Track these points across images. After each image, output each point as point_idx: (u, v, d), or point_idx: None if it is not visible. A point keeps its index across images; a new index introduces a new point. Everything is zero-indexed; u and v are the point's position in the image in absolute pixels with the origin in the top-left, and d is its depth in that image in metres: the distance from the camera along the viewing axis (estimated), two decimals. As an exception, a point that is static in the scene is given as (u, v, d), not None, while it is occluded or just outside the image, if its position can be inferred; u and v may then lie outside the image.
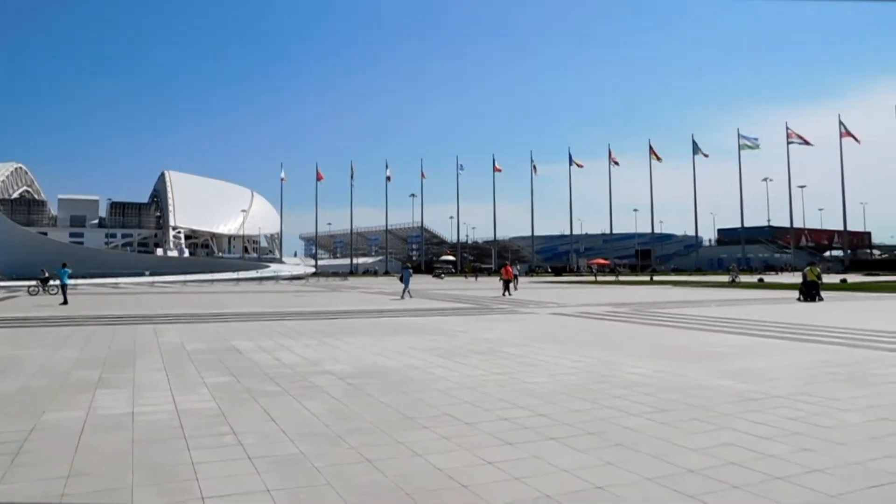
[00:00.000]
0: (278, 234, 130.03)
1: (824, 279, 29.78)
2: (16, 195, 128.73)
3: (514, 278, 36.75)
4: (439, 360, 10.62)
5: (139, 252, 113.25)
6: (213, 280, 62.27)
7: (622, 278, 68.92)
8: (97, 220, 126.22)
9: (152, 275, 63.43)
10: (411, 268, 38.77)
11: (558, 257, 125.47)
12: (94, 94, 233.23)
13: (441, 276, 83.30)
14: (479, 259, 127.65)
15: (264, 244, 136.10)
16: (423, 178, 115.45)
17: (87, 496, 4.33)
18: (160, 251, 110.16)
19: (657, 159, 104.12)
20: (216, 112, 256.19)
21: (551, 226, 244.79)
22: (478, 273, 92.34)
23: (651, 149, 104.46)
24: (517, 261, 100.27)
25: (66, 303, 25.88)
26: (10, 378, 8.92)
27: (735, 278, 52.14)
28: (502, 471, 4.80)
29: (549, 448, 5.40)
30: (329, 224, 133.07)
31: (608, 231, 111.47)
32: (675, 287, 43.75)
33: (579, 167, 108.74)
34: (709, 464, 4.94)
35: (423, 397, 7.55)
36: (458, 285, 52.83)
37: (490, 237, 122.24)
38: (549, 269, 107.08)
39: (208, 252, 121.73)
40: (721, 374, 9.00)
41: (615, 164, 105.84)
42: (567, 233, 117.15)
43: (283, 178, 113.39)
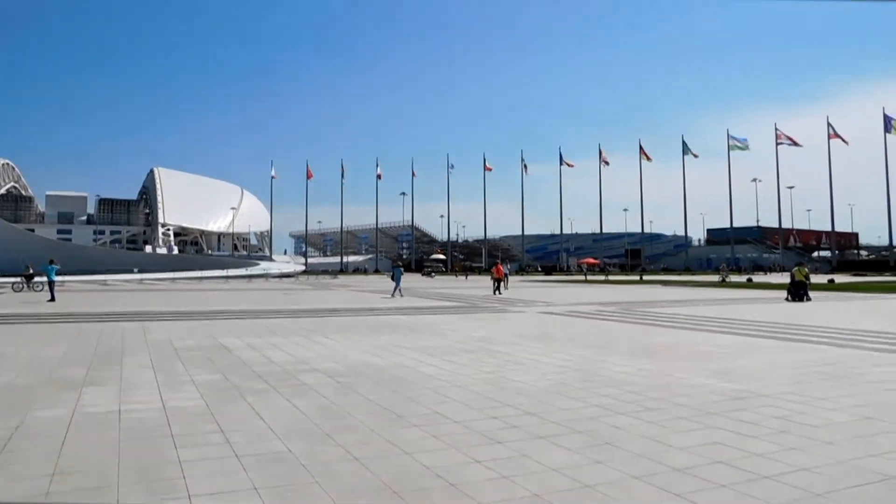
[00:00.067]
0: (268, 231, 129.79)
1: (812, 279, 29.98)
2: (2, 191, 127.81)
3: (505, 277, 36.79)
4: (429, 358, 10.61)
5: (128, 249, 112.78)
6: (202, 277, 62.00)
7: (612, 278, 69.16)
8: (85, 217, 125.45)
9: (141, 272, 62.96)
10: (402, 266, 38.75)
11: (548, 256, 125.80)
12: (83, 90, 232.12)
13: (431, 274, 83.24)
14: (469, 258, 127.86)
15: (254, 242, 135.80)
16: (413, 177, 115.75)
17: (72, 495, 4.30)
18: (149, 248, 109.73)
19: (647, 159, 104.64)
20: (206, 109, 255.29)
21: (542, 225, 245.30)
22: (468, 272, 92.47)
23: (641, 149, 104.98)
24: (507, 260, 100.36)
25: (53, 300, 25.70)
26: (-5, 375, 8.82)
27: (725, 278, 52.46)
28: (491, 469, 4.80)
29: (537, 447, 5.41)
30: (319, 222, 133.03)
31: (598, 230, 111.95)
32: (664, 287, 43.93)
33: (569, 167, 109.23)
34: (696, 462, 4.96)
35: (412, 396, 7.54)
36: (448, 284, 52.85)
37: (480, 236, 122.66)
38: (540, 269, 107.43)
39: (197, 249, 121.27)
40: (709, 374, 9.04)
41: (605, 163, 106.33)
42: (557, 232, 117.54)
43: (274, 176, 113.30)
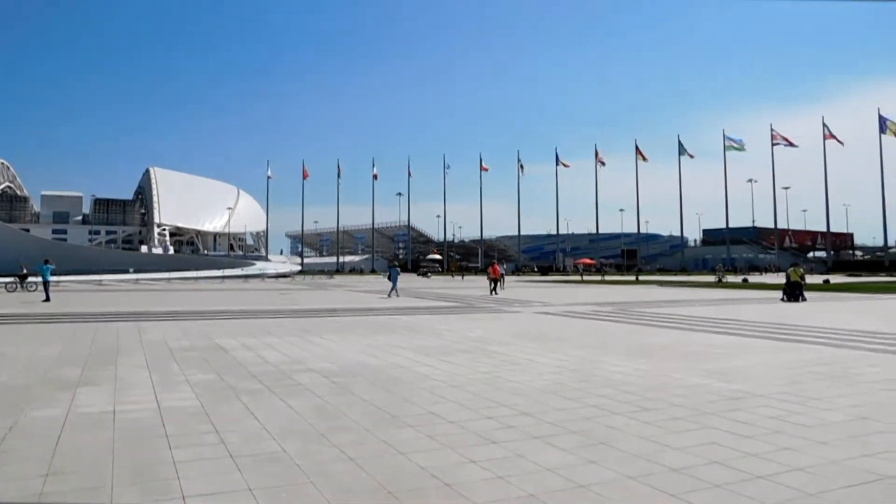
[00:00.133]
0: (264, 231, 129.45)
1: (808, 280, 30.07)
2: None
3: (501, 277, 36.79)
4: (425, 358, 10.61)
5: (123, 249, 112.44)
6: (197, 278, 61.92)
7: (608, 278, 69.25)
8: (81, 217, 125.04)
9: (136, 272, 62.84)
10: (399, 266, 38.71)
11: (545, 257, 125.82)
12: (79, 90, 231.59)
13: (427, 274, 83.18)
14: (465, 258, 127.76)
15: (250, 242, 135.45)
16: (409, 177, 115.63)
17: (65, 495, 4.28)
18: (145, 248, 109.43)
19: (643, 159, 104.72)
20: (202, 109, 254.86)
21: (538, 225, 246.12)
22: (464, 272, 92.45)
23: (637, 149, 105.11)
24: (503, 260, 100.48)
25: (48, 300, 25.62)
26: (-11, 376, 8.79)
27: (722, 278, 52.58)
28: (486, 469, 4.80)
29: (532, 447, 5.41)
30: (316, 222, 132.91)
31: (594, 231, 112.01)
32: (660, 287, 43.99)
33: (566, 167, 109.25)
34: (691, 462, 4.96)
35: (407, 396, 7.53)
36: (444, 284, 52.85)
37: (477, 236, 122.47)
38: (536, 269, 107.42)
39: (193, 249, 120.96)
40: (704, 374, 9.06)
41: (601, 164, 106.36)
42: (553, 232, 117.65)
43: (270, 176, 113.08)
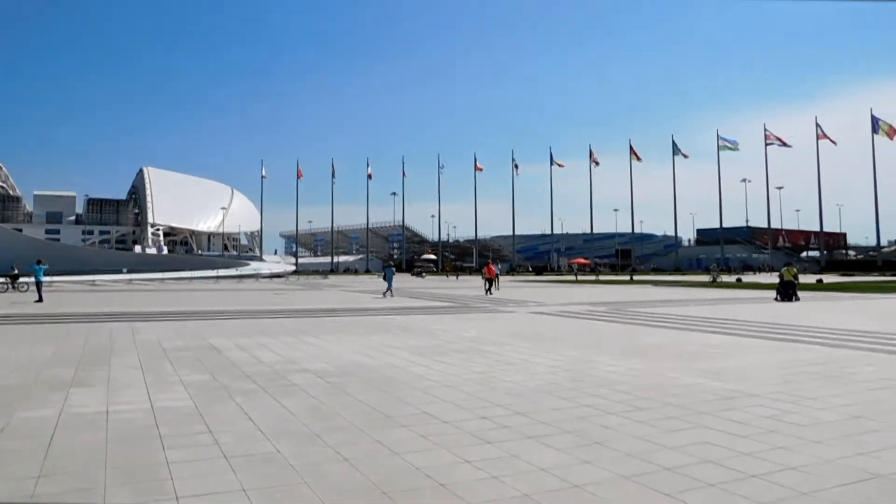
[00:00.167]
0: (258, 231, 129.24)
1: (801, 279, 30.17)
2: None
3: (496, 277, 36.78)
4: (419, 358, 10.60)
5: (117, 249, 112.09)
6: (191, 278, 61.69)
7: (602, 278, 69.37)
8: (74, 217, 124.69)
9: (130, 272, 62.60)
10: (393, 266, 38.65)
11: (539, 256, 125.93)
12: (72, 89, 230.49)
13: (422, 274, 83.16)
14: (460, 258, 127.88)
15: (244, 242, 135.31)
16: (404, 177, 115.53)
17: (58, 496, 4.25)
18: (138, 248, 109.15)
19: (637, 159, 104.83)
20: (196, 109, 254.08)
21: (532, 225, 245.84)
22: (459, 272, 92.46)
23: (631, 149, 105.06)
24: (498, 260, 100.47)
25: (41, 300, 25.51)
26: (-19, 376, 8.74)
27: (716, 278, 52.71)
28: (481, 469, 4.80)
29: (527, 447, 5.40)
30: (310, 222, 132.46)
31: (589, 231, 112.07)
32: (654, 286, 44.09)
33: (560, 167, 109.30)
34: (685, 462, 4.97)
35: (402, 396, 7.53)
36: (439, 284, 52.84)
37: (471, 236, 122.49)
38: (530, 269, 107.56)
39: (187, 249, 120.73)
40: (698, 373, 9.08)
41: (596, 163, 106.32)
42: (548, 232, 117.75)
43: (265, 176, 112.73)
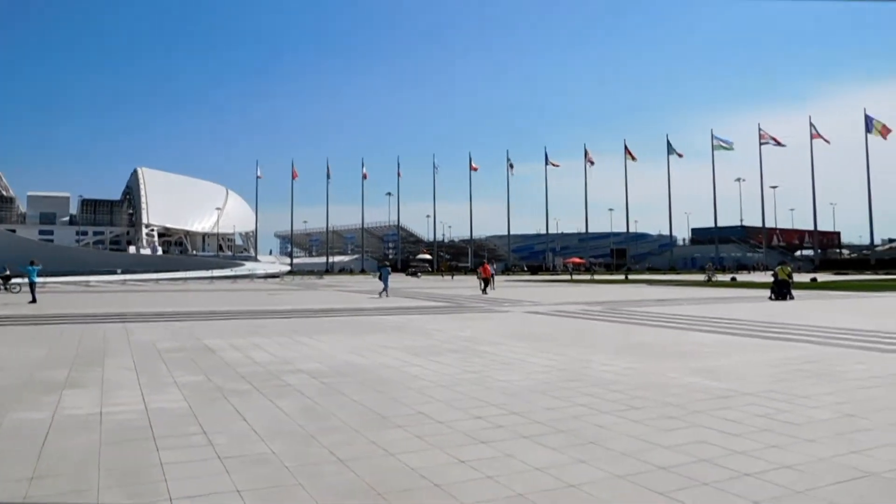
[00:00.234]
0: (253, 232, 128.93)
1: (795, 278, 30.29)
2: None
3: (491, 277, 36.79)
4: (414, 358, 10.60)
5: (111, 250, 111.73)
6: (186, 278, 61.58)
7: (597, 277, 69.39)
8: (68, 218, 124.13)
9: (124, 273, 62.49)
10: (389, 266, 38.55)
11: (534, 256, 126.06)
12: (65, 88, 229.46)
13: (417, 274, 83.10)
14: (455, 258, 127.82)
15: (239, 242, 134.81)
16: (399, 177, 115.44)
17: (50, 498, 4.24)
18: (133, 249, 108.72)
19: (632, 159, 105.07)
20: (190, 109, 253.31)
21: (528, 225, 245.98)
22: (454, 272, 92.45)
23: (626, 148, 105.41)
24: (493, 260, 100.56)
25: (34, 301, 25.40)
26: (-27, 378, 8.69)
27: (711, 277, 52.83)
28: (475, 469, 4.79)
29: (522, 446, 5.41)
30: (305, 222, 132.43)
31: (584, 230, 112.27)
32: (649, 286, 44.15)
33: (555, 167, 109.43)
34: (680, 461, 4.98)
35: (397, 396, 7.52)
36: (434, 284, 52.84)
37: (466, 236, 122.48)
38: (526, 268, 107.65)
39: (182, 250, 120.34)
40: (693, 372, 9.09)
41: (591, 163, 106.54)
42: (543, 232, 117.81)
43: (259, 176, 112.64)
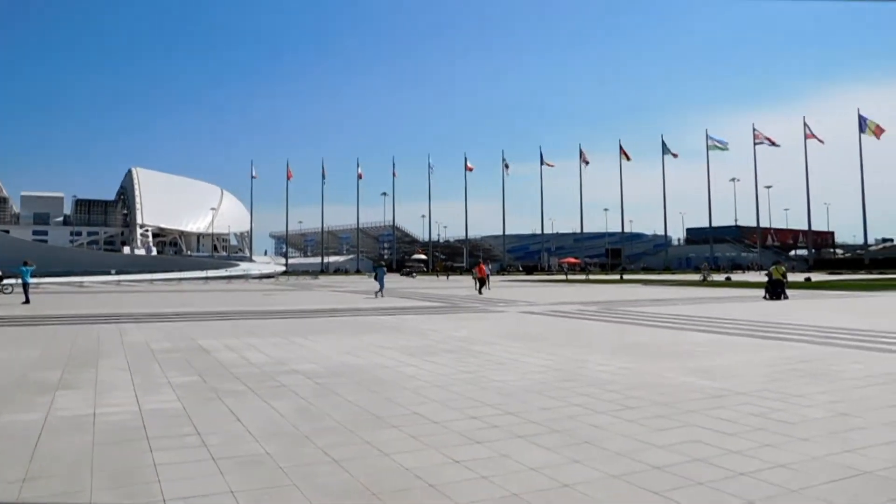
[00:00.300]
0: (248, 232, 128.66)
1: (789, 278, 30.36)
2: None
3: (486, 277, 36.81)
4: (409, 358, 10.59)
5: (105, 250, 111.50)
6: (181, 279, 61.39)
7: (592, 277, 69.50)
8: (62, 218, 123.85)
9: (119, 273, 62.25)
10: (385, 266, 38.43)
11: (530, 256, 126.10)
12: (59, 88, 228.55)
13: (412, 274, 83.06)
14: (450, 258, 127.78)
15: (234, 242, 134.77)
16: (394, 177, 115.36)
17: (43, 500, 4.21)
18: (127, 249, 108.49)
19: (627, 159, 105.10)
20: (185, 109, 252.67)
21: (523, 225, 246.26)
22: (449, 272, 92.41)
23: (621, 149, 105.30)
24: (489, 260, 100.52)
25: (27, 302, 25.30)
26: (-34, 379, 8.65)
27: (707, 277, 52.96)
28: (470, 470, 4.79)
29: (516, 446, 5.40)
30: (300, 222, 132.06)
31: (579, 230, 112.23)
32: (644, 286, 44.24)
33: (550, 167, 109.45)
34: (674, 460, 4.98)
35: (391, 396, 7.51)
36: (429, 284, 52.84)
37: (462, 236, 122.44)
38: (521, 268, 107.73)
39: (177, 250, 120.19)
40: (688, 372, 9.11)
41: (586, 163, 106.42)
42: (538, 232, 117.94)
43: (254, 176, 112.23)
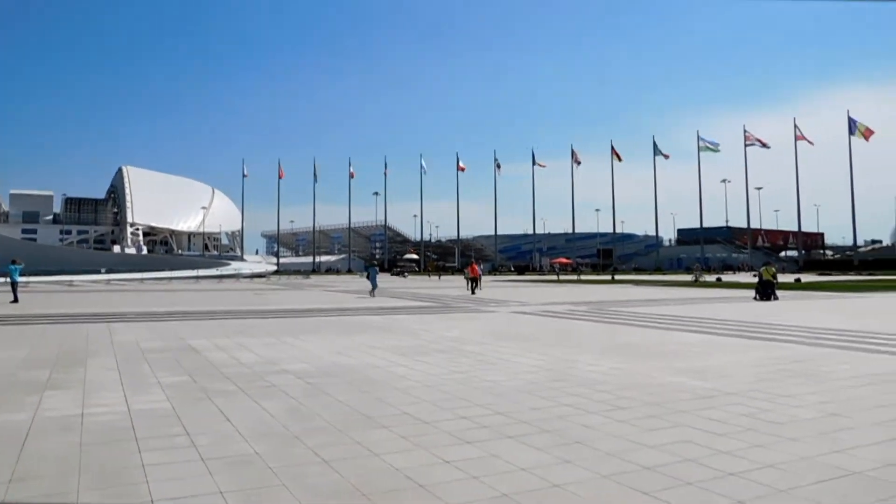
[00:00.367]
0: (239, 231, 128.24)
1: (779, 279, 30.54)
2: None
3: (479, 277, 36.79)
4: (400, 358, 10.57)
5: (95, 249, 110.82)
6: (171, 278, 61.12)
7: (584, 277, 69.64)
8: (51, 216, 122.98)
9: (109, 272, 61.91)
10: (377, 266, 38.32)
11: (521, 256, 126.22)
12: (48, 84, 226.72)
13: (403, 274, 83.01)
14: (442, 258, 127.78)
15: (225, 242, 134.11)
16: (386, 177, 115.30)
17: (30, 500, 4.17)
18: (117, 248, 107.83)
19: (618, 159, 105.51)
20: (176, 106, 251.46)
21: (515, 225, 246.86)
22: (441, 272, 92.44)
23: (613, 149, 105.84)
24: (480, 260, 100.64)
25: (16, 301, 25.11)
26: (-47, 379, 8.57)
27: (698, 277, 53.15)
28: (460, 470, 4.78)
29: (507, 446, 5.40)
30: (291, 222, 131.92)
31: (571, 230, 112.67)
32: (635, 286, 44.36)
33: (542, 167, 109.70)
34: (664, 461, 4.99)
35: (382, 396, 7.49)
36: (421, 284, 52.82)
37: (454, 236, 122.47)
38: (513, 268, 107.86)
39: (167, 249, 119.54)
40: (678, 372, 9.13)
41: (577, 163, 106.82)
42: (530, 232, 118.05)
43: (246, 175, 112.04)
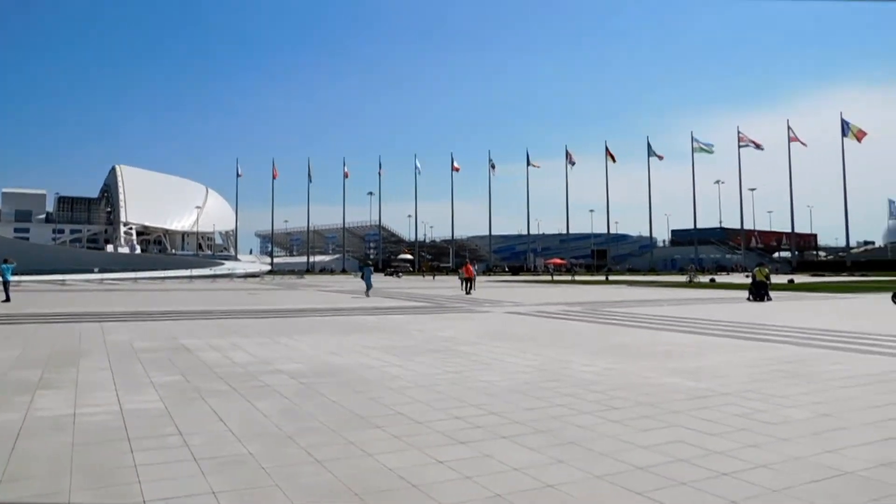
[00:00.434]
0: (233, 231, 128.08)
1: (773, 280, 30.64)
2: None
3: (473, 277, 36.77)
4: (394, 358, 10.56)
5: (88, 248, 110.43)
6: (165, 277, 60.90)
7: (578, 278, 69.73)
8: (44, 216, 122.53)
9: (102, 272, 61.65)
10: (372, 266, 38.25)
11: (516, 257, 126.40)
12: (41, 81, 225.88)
13: (397, 274, 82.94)
14: (436, 258, 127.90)
15: (219, 241, 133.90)
16: (380, 176, 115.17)
17: (21, 500, 4.15)
18: (110, 247, 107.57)
19: (612, 160, 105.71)
20: (170, 106, 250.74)
21: (509, 225, 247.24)
22: (435, 272, 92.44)
23: (607, 150, 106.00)
24: (475, 260, 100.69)
25: (8, 300, 24.96)
26: (-57, 378, 8.52)
27: (693, 278, 53.28)
28: (453, 470, 4.78)
29: (500, 447, 5.40)
30: (286, 221, 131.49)
31: (565, 231, 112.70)
32: (629, 287, 44.45)
33: (536, 168, 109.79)
34: (658, 461, 4.99)
35: (376, 396, 7.48)
36: (415, 284, 52.79)
37: (448, 236, 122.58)
38: (507, 269, 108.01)
39: (161, 249, 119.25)
40: (671, 372, 9.15)
41: (572, 164, 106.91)
42: (524, 232, 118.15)
43: (240, 174, 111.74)
